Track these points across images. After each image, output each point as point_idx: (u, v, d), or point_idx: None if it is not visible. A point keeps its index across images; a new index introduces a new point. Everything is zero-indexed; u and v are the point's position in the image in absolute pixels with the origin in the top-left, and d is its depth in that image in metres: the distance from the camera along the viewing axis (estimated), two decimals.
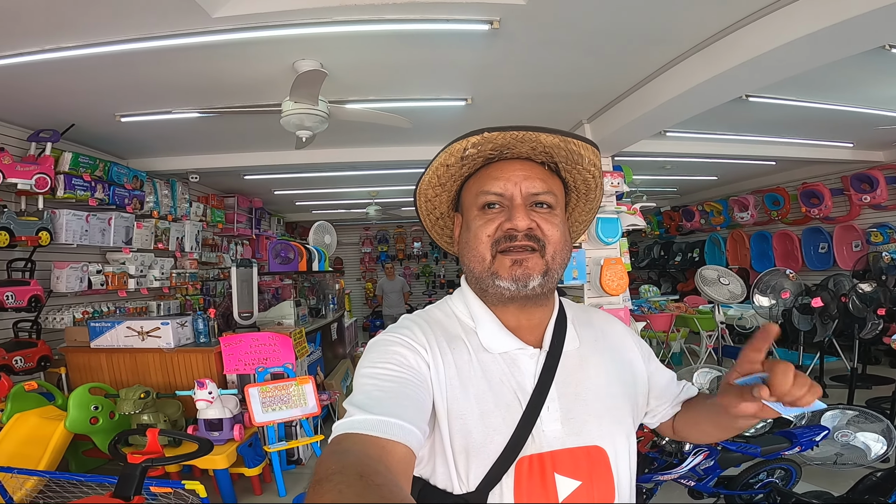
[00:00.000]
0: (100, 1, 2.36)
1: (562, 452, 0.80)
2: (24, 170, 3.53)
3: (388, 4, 2.59)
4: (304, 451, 4.12)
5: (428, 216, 0.97)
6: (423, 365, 0.80)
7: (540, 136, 0.81)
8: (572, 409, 0.83)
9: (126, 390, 3.15)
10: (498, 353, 0.84)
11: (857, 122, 4.75)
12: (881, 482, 2.40)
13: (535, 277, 0.81)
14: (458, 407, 0.79)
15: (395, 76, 3.52)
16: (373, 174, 6.76)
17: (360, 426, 0.66)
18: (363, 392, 0.73)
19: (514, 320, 0.87)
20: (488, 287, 0.84)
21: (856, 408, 3.03)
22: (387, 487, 0.54)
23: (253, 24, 2.68)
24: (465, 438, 0.78)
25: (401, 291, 9.46)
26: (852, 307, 3.72)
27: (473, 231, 0.84)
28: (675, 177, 7.73)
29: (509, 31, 2.84)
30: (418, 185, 0.92)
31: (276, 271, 4.41)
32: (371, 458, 0.61)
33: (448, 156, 0.85)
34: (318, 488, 0.53)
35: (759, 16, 2.75)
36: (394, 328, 0.88)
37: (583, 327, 0.93)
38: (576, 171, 0.88)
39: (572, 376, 0.86)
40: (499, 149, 0.83)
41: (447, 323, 0.89)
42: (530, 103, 4.08)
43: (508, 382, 0.82)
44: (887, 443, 2.86)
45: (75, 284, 4.08)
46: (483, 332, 0.86)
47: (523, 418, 0.79)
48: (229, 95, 3.63)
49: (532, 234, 0.81)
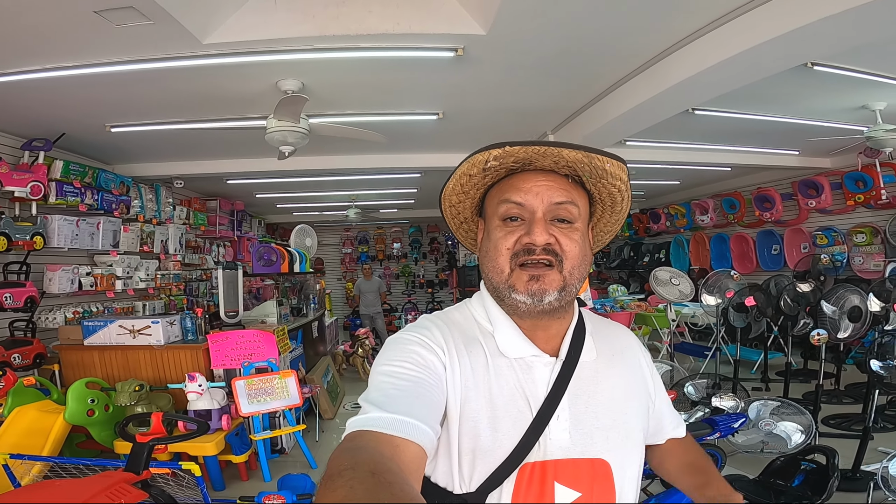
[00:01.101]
0: (99, 26, 2.59)
1: (565, 462, 0.80)
2: (20, 178, 3.76)
3: (363, 35, 2.91)
4: (287, 441, 4.40)
5: (452, 220, 0.99)
6: (440, 365, 0.81)
7: (563, 151, 0.81)
8: (582, 420, 0.83)
9: (122, 384, 3.39)
10: (514, 359, 0.85)
11: (794, 132, 5.16)
12: (785, 466, 2.78)
13: (552, 293, 0.81)
14: (470, 409, 0.80)
15: (370, 94, 3.83)
16: (352, 179, 7.05)
17: (375, 424, 0.67)
18: (379, 390, 0.74)
19: (531, 328, 0.87)
20: (505, 298, 0.84)
21: (778, 399, 3.42)
22: (398, 486, 0.55)
23: (240, 50, 2.98)
24: (474, 441, 0.79)
25: (377, 291, 9.67)
26: (784, 306, 4.12)
27: (493, 242, 0.85)
28: (640, 181, 8.14)
29: (473, 56, 3.17)
30: (442, 192, 0.93)
31: (260, 273, 4.67)
32: (384, 456, 0.62)
33: (470, 166, 0.85)
34: (331, 483, 0.54)
35: (691, 39, 3.12)
36: (412, 327, 0.88)
37: (601, 340, 0.93)
38: (601, 185, 0.88)
39: (585, 388, 0.86)
40: (521, 161, 0.84)
41: (465, 325, 0.90)
42: (497, 116, 4.43)
43: (521, 388, 0.83)
44: (806, 434, 3.21)
45: (67, 286, 4.30)
46: (500, 337, 0.87)
47: (532, 425, 0.80)
48: (216, 109, 3.91)
49: (551, 248, 0.81)
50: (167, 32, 2.69)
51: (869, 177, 6.10)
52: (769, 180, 7.50)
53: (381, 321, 9.72)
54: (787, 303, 4.10)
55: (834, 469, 2.52)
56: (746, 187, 7.91)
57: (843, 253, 6.53)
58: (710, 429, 2.82)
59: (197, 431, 2.27)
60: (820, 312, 3.41)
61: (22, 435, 3.18)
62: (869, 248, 6.35)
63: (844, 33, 2.65)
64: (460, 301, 0.99)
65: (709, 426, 2.84)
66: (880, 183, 5.96)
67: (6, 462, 2.66)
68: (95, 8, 2.40)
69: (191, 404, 3.56)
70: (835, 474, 2.51)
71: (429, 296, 12.46)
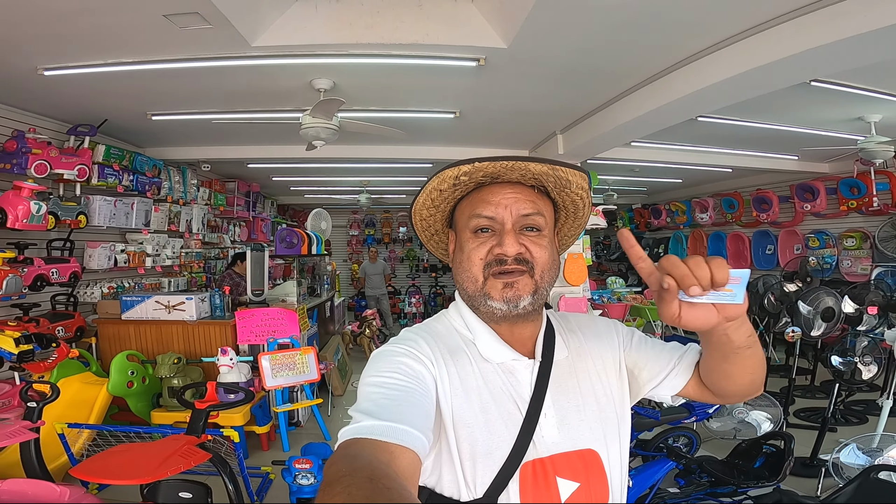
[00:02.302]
0: (164, 28, 2.82)
1: (559, 456, 0.84)
2: (68, 161, 4.04)
3: (395, 44, 3.16)
4: (303, 415, 4.74)
5: (423, 232, 1.02)
6: (429, 375, 0.83)
7: (529, 165, 0.84)
8: (566, 415, 0.87)
9: (162, 356, 3.72)
10: (496, 363, 0.89)
11: (792, 140, 5.42)
12: (748, 449, 3.11)
13: (526, 297, 0.85)
14: (463, 415, 0.83)
15: (394, 93, 4.10)
16: (367, 167, 7.34)
17: (369, 431, 0.67)
18: (370, 400, 0.75)
19: (507, 333, 0.91)
20: (480, 306, 0.88)
21: None
22: (396, 491, 0.55)
23: (283, 53, 3.24)
24: (472, 446, 0.81)
25: (382, 274, 10.02)
26: (767, 304, 4.42)
27: (466, 253, 0.89)
28: (643, 178, 8.40)
29: (493, 65, 3.43)
30: (413, 206, 0.96)
31: (282, 254, 4.98)
32: (381, 462, 0.62)
33: (440, 181, 0.88)
34: (329, 490, 0.54)
35: (697, 57, 3.35)
36: (397, 340, 0.90)
37: (569, 335, 0.98)
38: (564, 194, 0.92)
39: (564, 384, 0.90)
40: (490, 175, 0.87)
41: (447, 335, 0.93)
42: (509, 117, 4.70)
43: (508, 391, 0.86)
44: (775, 424, 3.54)
45: (105, 262, 4.61)
46: (481, 343, 0.90)
47: (524, 425, 0.83)
48: (251, 101, 4.18)
49: (521, 257, 0.85)
50: (222, 35, 2.93)
51: (863, 184, 6.33)
52: (768, 182, 7.73)
53: (386, 302, 10.09)
54: (770, 301, 4.39)
55: (789, 453, 2.84)
56: (746, 188, 8.16)
57: (832, 256, 6.81)
58: (688, 413, 3.13)
59: (244, 399, 2.59)
60: (796, 311, 3.71)
61: (67, 406, 3.42)
62: (858, 253, 6.61)
63: (846, 57, 2.80)
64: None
65: (687, 410, 3.16)
66: (873, 190, 6.17)
67: (63, 431, 2.92)
68: (165, 12, 2.64)
69: (221, 377, 3.84)
70: (789, 458, 2.83)
71: (432, 280, 12.78)
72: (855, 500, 2.39)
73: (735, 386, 0.89)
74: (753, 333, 0.81)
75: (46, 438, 2.81)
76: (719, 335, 0.77)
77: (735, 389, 0.90)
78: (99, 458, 2.18)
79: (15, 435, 2.27)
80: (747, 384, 0.89)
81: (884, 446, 3.16)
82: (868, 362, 3.54)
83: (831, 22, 2.56)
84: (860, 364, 3.53)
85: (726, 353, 0.81)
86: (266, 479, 3.42)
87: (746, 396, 0.95)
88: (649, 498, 2.97)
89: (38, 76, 3.37)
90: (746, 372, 0.86)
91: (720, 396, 0.95)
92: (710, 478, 3.04)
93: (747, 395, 0.94)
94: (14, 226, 3.45)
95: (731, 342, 0.78)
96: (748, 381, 0.88)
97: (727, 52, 3.18)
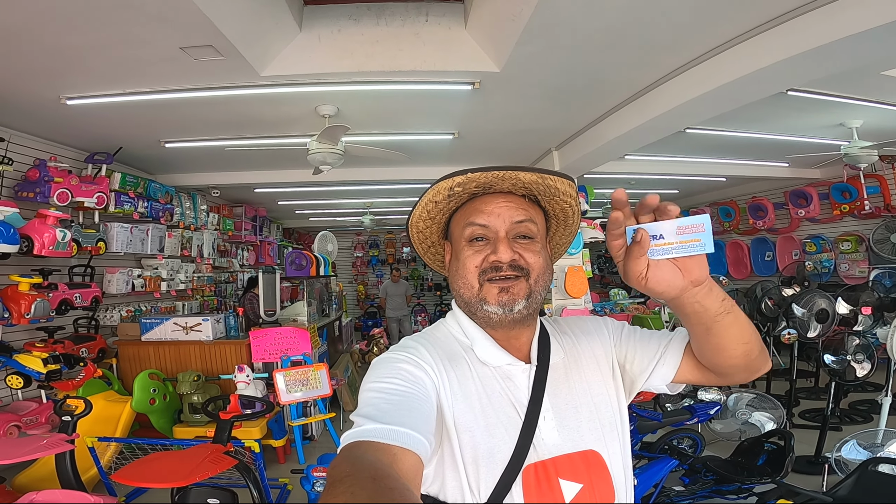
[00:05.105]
0: (179, 60, 3.03)
1: (561, 458, 0.85)
2: (87, 189, 4.26)
3: (394, 71, 3.39)
4: (317, 429, 4.87)
5: (420, 245, 1.04)
6: (430, 381, 0.84)
7: (519, 174, 0.87)
8: (565, 417, 0.88)
9: (183, 374, 3.90)
10: (494, 367, 0.90)
11: (779, 147, 5.60)
12: (750, 447, 3.22)
13: (520, 301, 0.87)
14: (464, 420, 0.84)
15: (395, 117, 4.33)
16: (370, 189, 7.56)
17: (371, 434, 0.68)
18: (371, 404, 0.76)
19: (503, 339, 0.93)
20: (477, 311, 0.90)
21: (754, 392, 3.85)
22: (398, 491, 0.55)
23: (289, 82, 3.47)
24: (475, 450, 0.82)
25: (404, 294, 9.93)
26: (765, 308, 4.55)
27: (462, 261, 0.91)
28: (640, 191, 8.54)
29: (488, 88, 3.65)
30: (410, 218, 0.98)
31: (292, 276, 5.16)
32: (383, 463, 0.63)
33: (436, 193, 0.91)
34: (332, 490, 0.55)
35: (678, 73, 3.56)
36: (398, 348, 0.92)
37: (562, 337, 1.00)
38: (554, 202, 0.95)
39: (561, 386, 0.91)
40: (482, 185, 0.90)
41: (446, 342, 0.95)
42: (506, 136, 4.92)
43: (506, 395, 0.88)
44: (777, 424, 3.64)
45: (123, 287, 4.80)
46: (479, 349, 0.92)
47: (524, 428, 0.85)
48: (259, 128, 4.42)
49: (516, 264, 0.88)
50: (233, 66, 3.16)
51: (854, 188, 6.49)
52: (762, 190, 7.88)
53: (408, 324, 10.03)
54: (767, 306, 4.53)
55: (790, 449, 2.95)
56: (741, 196, 8.32)
57: (830, 260, 6.95)
58: (690, 415, 3.24)
59: (265, 410, 2.74)
60: (791, 314, 3.84)
61: (94, 422, 3.55)
62: (854, 256, 6.75)
63: (809, 68, 3.00)
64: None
65: (688, 412, 3.27)
66: (864, 194, 6.34)
67: (94, 444, 3.09)
68: (181, 45, 2.86)
69: (239, 392, 4.02)
70: (790, 454, 2.94)
71: (437, 298, 12.91)
72: (854, 492, 2.52)
73: (731, 359, 0.86)
74: (728, 298, 0.81)
75: (76, 452, 2.94)
76: (692, 304, 0.78)
77: (733, 362, 0.87)
78: (136, 465, 2.33)
79: (53, 446, 2.42)
80: (742, 355, 0.86)
81: (885, 442, 3.26)
82: (861, 360, 3.66)
83: (787, 37, 2.80)
84: (853, 362, 3.65)
85: (707, 324, 0.81)
86: (284, 489, 3.54)
87: (750, 370, 0.91)
88: (654, 497, 3.07)
89: (61, 105, 3.57)
90: (735, 341, 0.84)
91: (722, 375, 0.92)
92: (714, 476, 3.14)
93: (750, 369, 0.90)
94: (41, 252, 3.64)
95: (707, 310, 0.79)
96: (742, 351, 0.85)
97: (702, 69, 3.40)
